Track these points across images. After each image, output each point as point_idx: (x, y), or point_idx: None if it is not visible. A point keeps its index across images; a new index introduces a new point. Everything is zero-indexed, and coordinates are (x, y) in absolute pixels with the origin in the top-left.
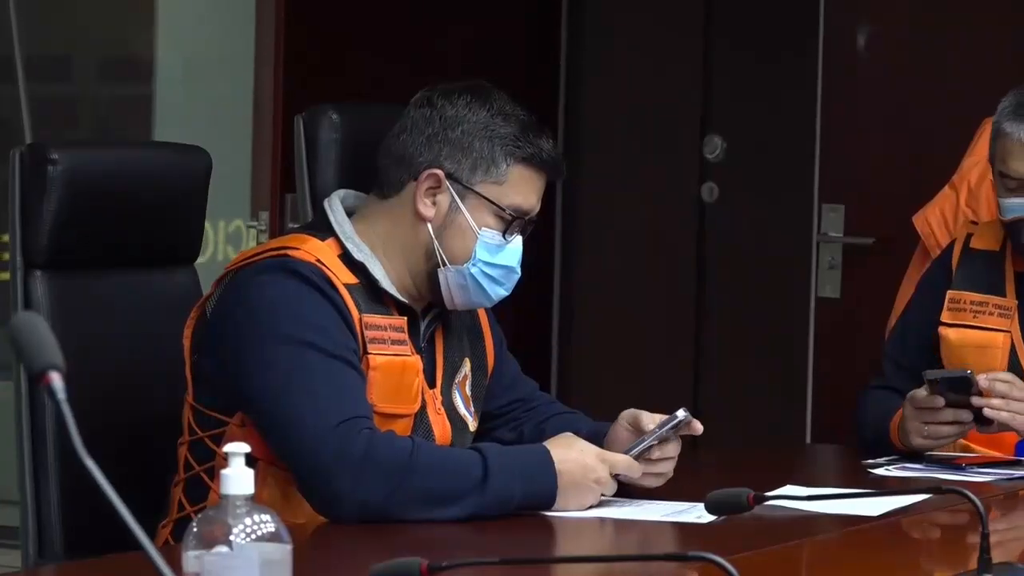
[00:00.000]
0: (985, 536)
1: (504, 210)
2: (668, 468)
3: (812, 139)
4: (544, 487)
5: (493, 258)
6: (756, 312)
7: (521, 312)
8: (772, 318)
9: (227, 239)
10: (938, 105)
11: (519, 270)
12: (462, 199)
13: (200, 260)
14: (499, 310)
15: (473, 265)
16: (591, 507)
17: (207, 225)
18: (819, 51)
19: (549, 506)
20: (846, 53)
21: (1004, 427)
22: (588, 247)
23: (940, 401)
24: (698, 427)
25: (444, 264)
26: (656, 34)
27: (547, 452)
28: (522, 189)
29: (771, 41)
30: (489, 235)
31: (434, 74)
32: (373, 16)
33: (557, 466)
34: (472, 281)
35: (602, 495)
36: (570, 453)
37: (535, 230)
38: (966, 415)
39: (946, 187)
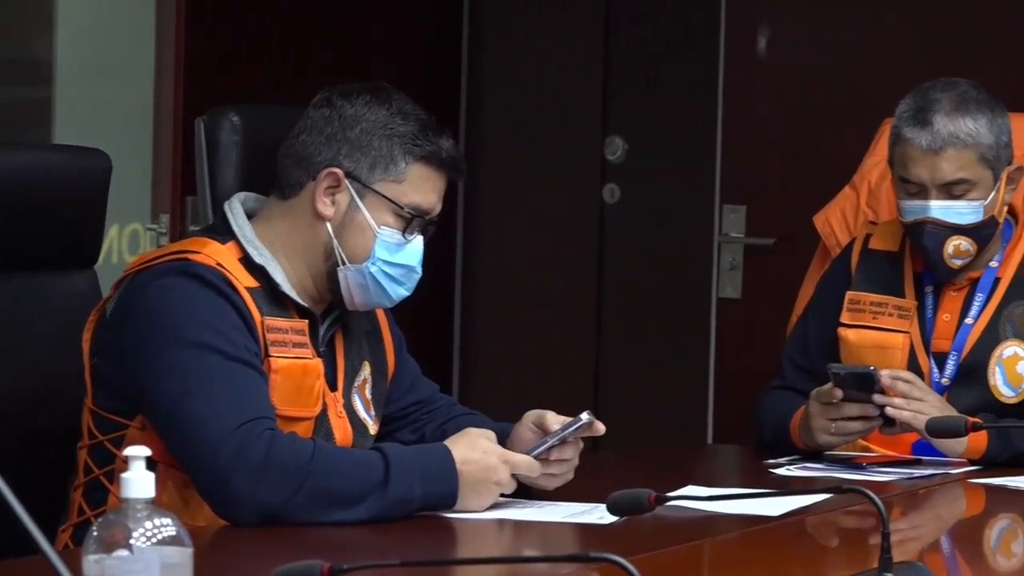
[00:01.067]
0: (886, 535)
1: (403, 208)
2: (564, 469)
3: (713, 140)
4: (445, 487)
5: (393, 257)
6: (657, 313)
7: (422, 313)
8: (673, 319)
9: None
10: (839, 105)
11: (420, 270)
12: (361, 198)
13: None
14: (399, 311)
15: (372, 264)
16: (491, 507)
17: (140, 227)
18: (720, 52)
19: (450, 506)
20: (747, 54)
21: (906, 428)
22: (489, 248)
23: (839, 393)
24: (600, 428)
25: (343, 263)
26: (557, 35)
27: (448, 452)
28: (421, 188)
29: (672, 42)
30: (388, 234)
31: (335, 75)
32: (274, 18)
33: (458, 466)
34: (372, 280)
35: (501, 494)
36: (472, 454)
37: (437, 232)
38: (873, 410)
39: (847, 187)
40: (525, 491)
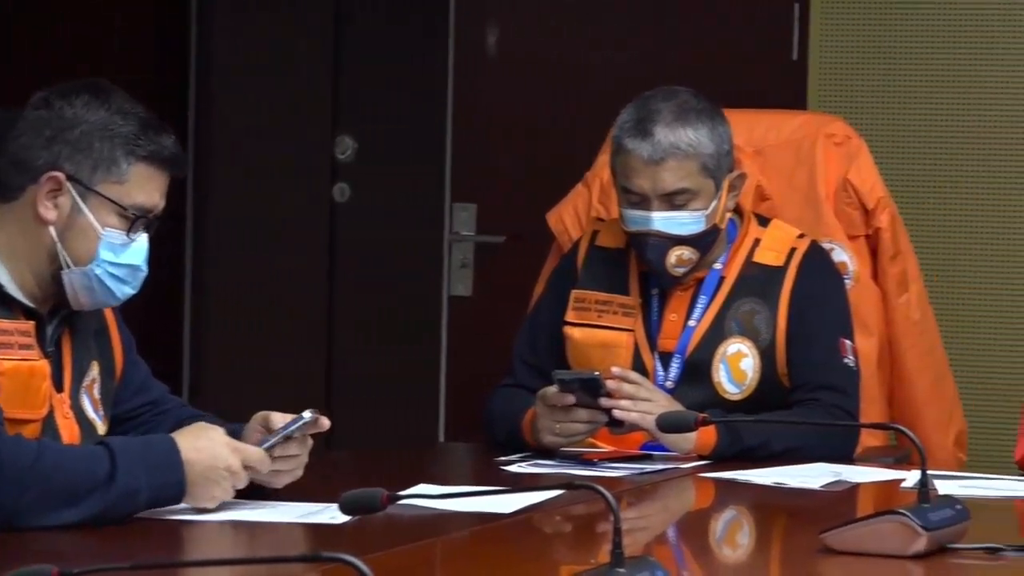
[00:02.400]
0: (617, 530)
1: (127, 209)
2: (292, 466)
3: (443, 139)
4: (171, 477)
5: (118, 258)
6: (389, 311)
7: (151, 314)
8: (405, 317)
9: None
10: (569, 103)
11: (145, 268)
12: (84, 200)
13: None
14: (128, 312)
15: (97, 266)
16: (224, 502)
17: None
18: (449, 50)
19: (179, 498)
20: (476, 52)
21: (634, 428)
22: (219, 248)
23: (570, 399)
24: (325, 423)
25: (68, 266)
26: (286, 34)
27: (174, 442)
28: (145, 187)
29: (402, 40)
30: (113, 235)
31: (55, 74)
32: None
33: (184, 456)
34: (97, 282)
35: (236, 488)
36: (199, 442)
37: (166, 231)
38: (601, 416)
39: (579, 184)
40: (256, 491)
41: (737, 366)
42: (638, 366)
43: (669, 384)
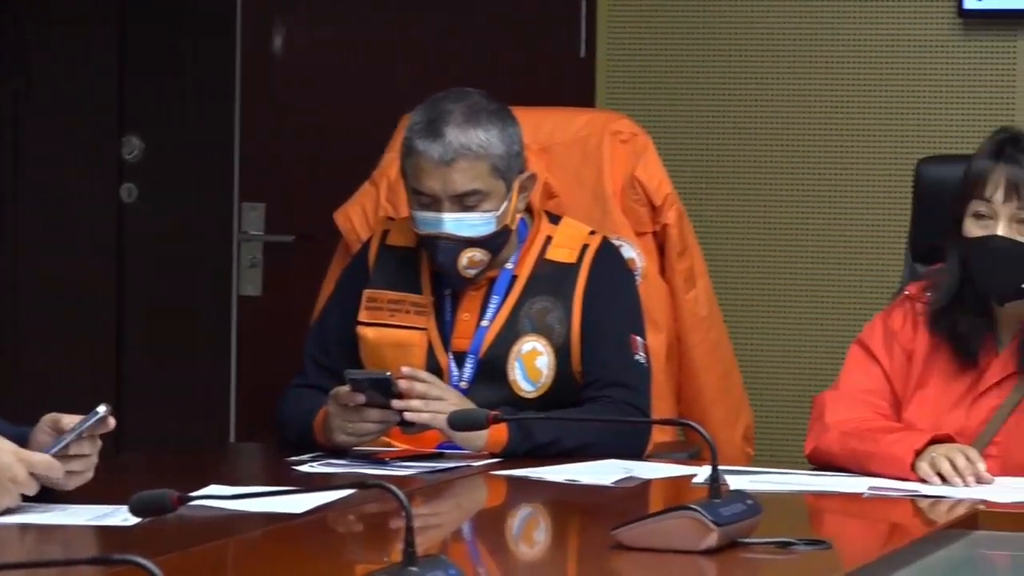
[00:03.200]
0: (410, 529)
1: None
2: (84, 466)
3: (231, 138)
4: None
5: None
6: (178, 312)
7: None
8: (194, 317)
9: None
10: (356, 102)
11: None
12: None
13: None
14: None
15: None
16: (9, 511)
17: None
18: (237, 49)
19: None
20: (263, 51)
21: (426, 427)
22: (6, 250)
23: (360, 398)
24: (111, 421)
25: None
26: (71, 34)
27: None
28: None
29: (188, 39)
30: None
31: None
32: None
33: None
34: None
35: (22, 496)
36: None
37: None
38: (393, 416)
39: (367, 183)
40: (46, 493)
41: (532, 364)
42: (432, 366)
43: (464, 384)
